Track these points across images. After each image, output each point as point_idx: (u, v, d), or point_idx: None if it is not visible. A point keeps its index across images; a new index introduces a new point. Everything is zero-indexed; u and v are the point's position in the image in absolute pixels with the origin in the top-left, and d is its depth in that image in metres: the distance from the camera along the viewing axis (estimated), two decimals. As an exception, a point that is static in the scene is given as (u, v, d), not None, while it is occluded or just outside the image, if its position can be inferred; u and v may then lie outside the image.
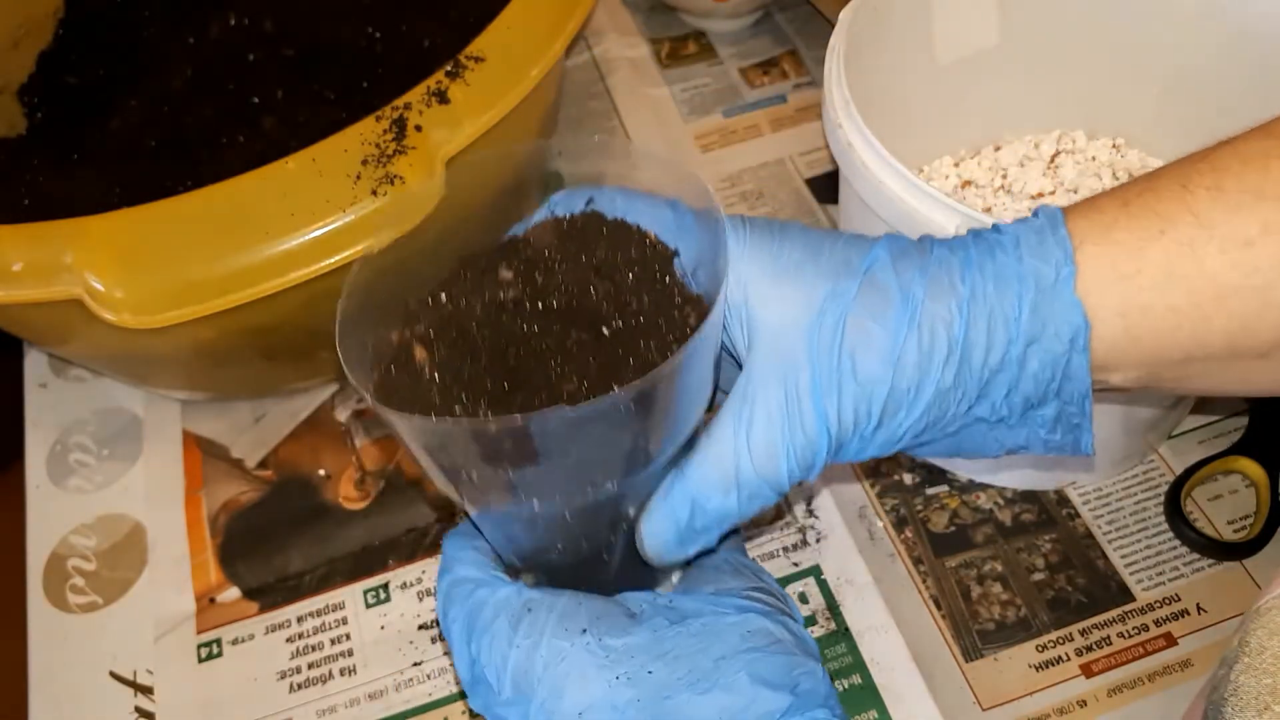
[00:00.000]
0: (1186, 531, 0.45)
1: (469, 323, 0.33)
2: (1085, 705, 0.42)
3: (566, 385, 0.31)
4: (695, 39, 0.71)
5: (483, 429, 0.29)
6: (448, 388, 0.31)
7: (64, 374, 0.57)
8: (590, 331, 0.32)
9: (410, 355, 0.32)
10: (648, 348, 0.31)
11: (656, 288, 0.33)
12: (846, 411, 0.29)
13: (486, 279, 0.34)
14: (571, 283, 0.33)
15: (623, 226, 0.35)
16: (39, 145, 0.54)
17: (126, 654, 0.46)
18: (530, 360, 0.32)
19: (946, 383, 0.29)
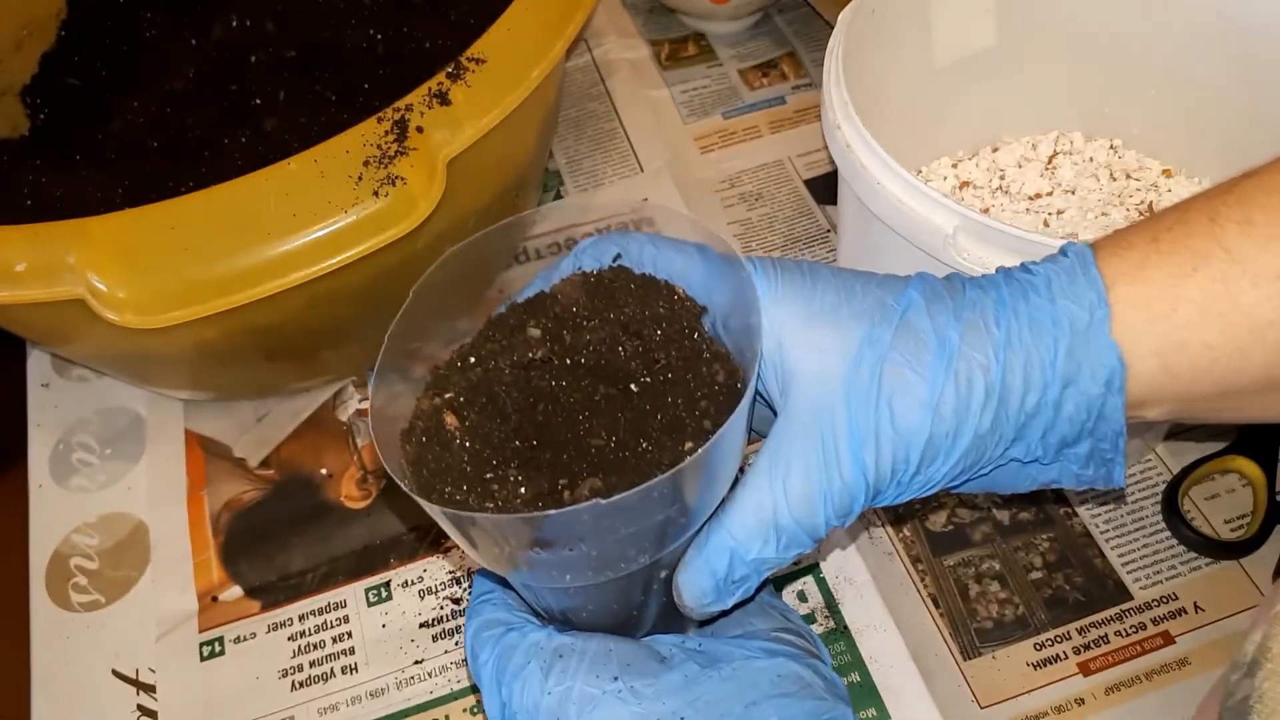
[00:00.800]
0: (1184, 530, 0.45)
1: (498, 385, 0.33)
2: (1083, 703, 0.42)
3: (595, 441, 0.31)
4: (695, 41, 0.72)
5: (512, 521, 0.29)
6: (478, 453, 0.31)
7: (66, 374, 0.57)
8: (619, 387, 0.32)
9: (440, 423, 0.32)
10: (676, 405, 0.32)
11: (685, 344, 0.33)
12: (885, 460, 0.29)
13: (514, 338, 0.34)
14: (599, 340, 0.33)
15: (650, 282, 0.35)
16: (42, 146, 0.55)
17: (129, 652, 0.46)
18: (558, 417, 0.32)
19: (984, 428, 0.29)
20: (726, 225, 0.60)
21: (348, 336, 0.51)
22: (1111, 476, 0.31)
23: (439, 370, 0.34)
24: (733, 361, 0.33)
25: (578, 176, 0.64)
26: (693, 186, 0.62)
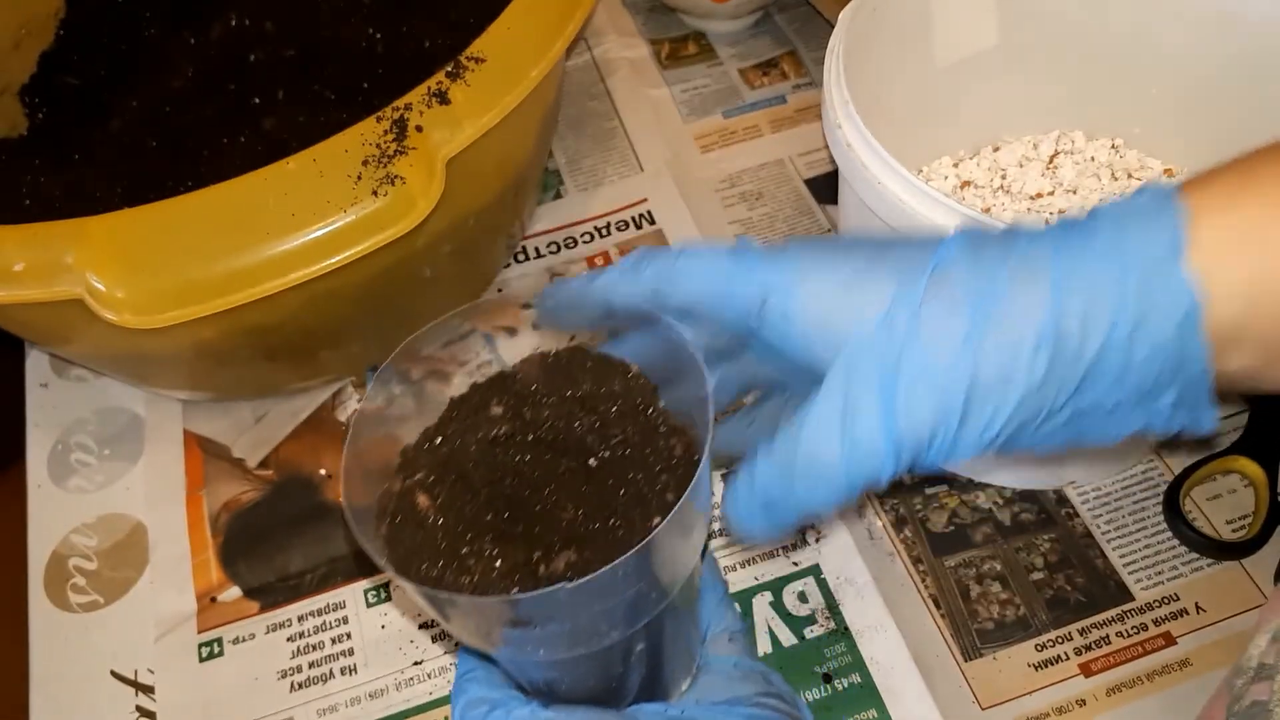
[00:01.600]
0: (1185, 531, 0.45)
1: (466, 462, 0.34)
2: (1084, 704, 0.42)
3: (563, 514, 0.32)
4: (695, 40, 0.71)
5: (486, 603, 0.30)
6: (452, 529, 0.32)
7: (65, 374, 0.57)
8: (580, 461, 0.34)
9: (413, 503, 0.33)
10: (637, 479, 0.33)
11: (640, 419, 0.34)
12: (925, 410, 0.28)
13: (478, 416, 0.36)
14: (558, 416, 0.35)
15: (605, 361, 0.37)
16: (40, 145, 0.54)
17: (127, 653, 0.46)
18: (526, 490, 0.33)
19: (1038, 374, 0.27)
20: (727, 225, 0.60)
21: (347, 336, 0.51)
22: (1200, 422, 0.29)
23: (407, 453, 0.36)
24: (689, 434, 0.34)
25: (578, 176, 0.64)
26: (693, 186, 0.62)
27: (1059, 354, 0.27)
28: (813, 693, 0.43)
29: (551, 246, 0.60)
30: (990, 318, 0.27)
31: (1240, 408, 0.50)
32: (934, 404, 0.27)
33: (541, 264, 0.59)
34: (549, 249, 0.60)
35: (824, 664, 0.43)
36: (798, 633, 0.44)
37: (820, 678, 0.43)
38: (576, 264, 0.59)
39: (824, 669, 0.43)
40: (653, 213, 0.61)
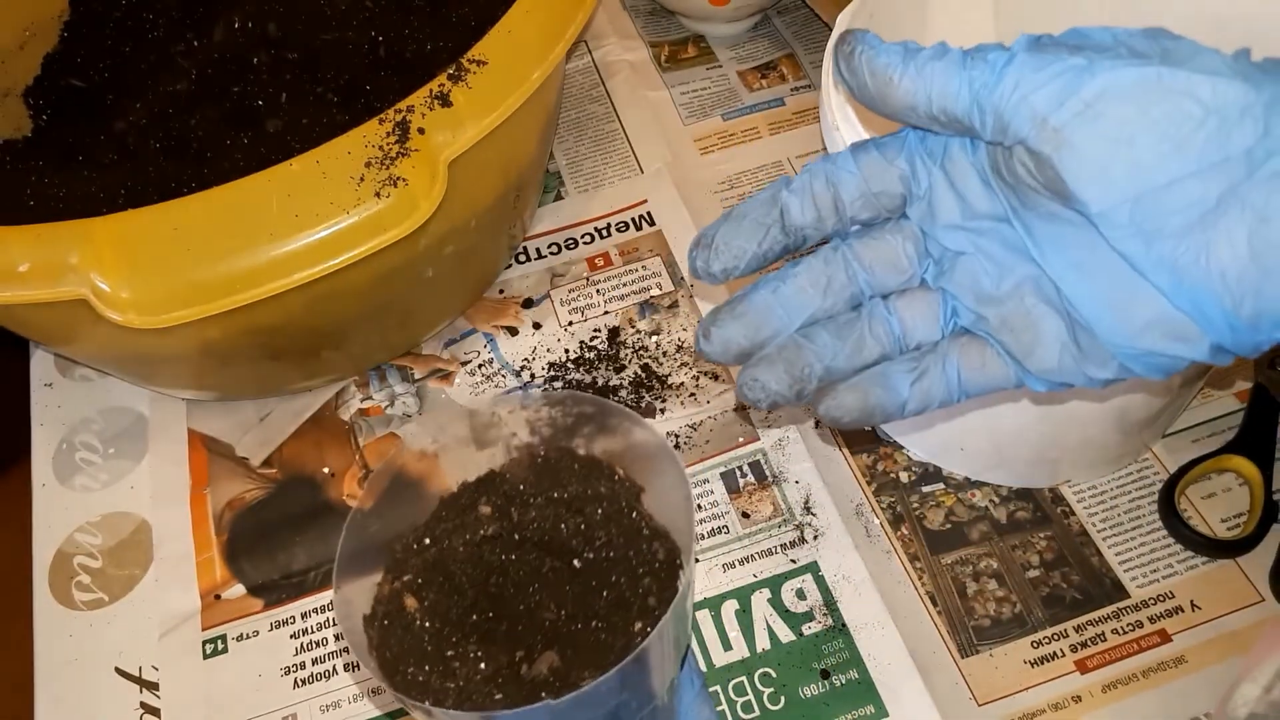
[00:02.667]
0: (1181, 529, 0.46)
1: (453, 563, 0.35)
2: (1080, 701, 0.42)
3: (546, 614, 0.33)
4: (694, 42, 0.72)
5: (469, 717, 0.31)
6: (438, 631, 0.33)
7: (70, 373, 0.57)
8: (564, 561, 0.34)
9: (401, 605, 0.34)
10: (620, 583, 0.34)
11: (624, 522, 0.35)
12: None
13: (466, 516, 0.36)
14: (544, 517, 0.36)
15: (592, 463, 0.37)
16: (44, 147, 0.55)
17: (132, 650, 0.47)
18: (510, 589, 0.34)
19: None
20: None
21: (350, 336, 0.51)
22: None
23: (396, 554, 0.36)
24: (672, 539, 0.35)
25: (578, 178, 0.64)
26: (692, 187, 0.62)
27: None
28: (810, 689, 0.43)
29: (552, 247, 0.60)
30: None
31: (1237, 406, 0.50)
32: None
33: (542, 265, 0.59)
34: (550, 250, 0.60)
35: (822, 660, 0.44)
36: (795, 629, 0.45)
37: (818, 674, 0.43)
38: (577, 264, 0.59)
39: (822, 665, 0.44)
40: (653, 214, 0.61)
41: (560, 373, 0.54)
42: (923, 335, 0.33)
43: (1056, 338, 0.30)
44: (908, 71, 0.29)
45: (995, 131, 0.28)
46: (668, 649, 0.34)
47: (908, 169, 0.32)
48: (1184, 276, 0.27)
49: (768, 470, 0.50)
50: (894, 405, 0.33)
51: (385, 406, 0.54)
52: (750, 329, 0.33)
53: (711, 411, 0.52)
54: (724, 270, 0.34)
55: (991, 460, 0.48)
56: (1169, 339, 0.28)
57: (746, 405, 0.34)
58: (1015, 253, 0.31)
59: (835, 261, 0.33)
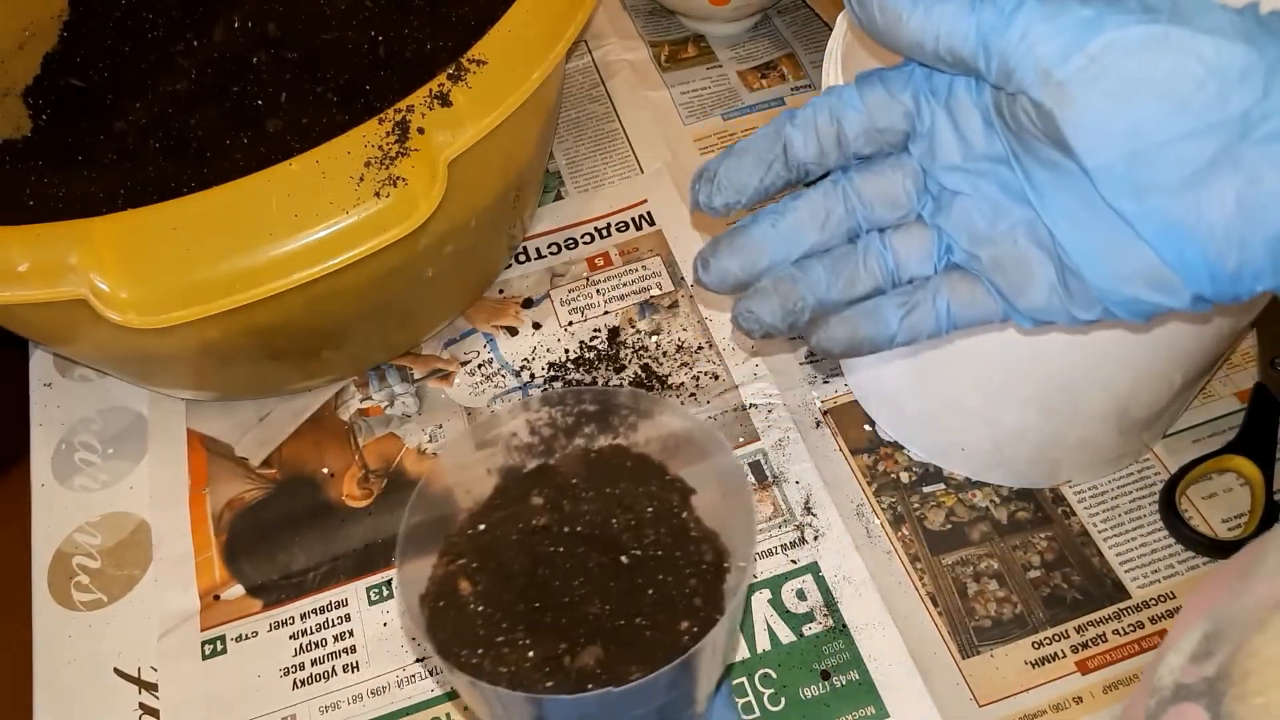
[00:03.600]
0: (1181, 529, 0.46)
1: (505, 550, 0.35)
2: (1081, 701, 0.42)
3: (590, 608, 0.33)
4: (694, 42, 0.72)
5: (524, 699, 0.31)
6: (490, 616, 0.34)
7: (69, 373, 0.57)
8: (611, 557, 0.35)
9: (455, 588, 0.35)
10: (667, 581, 0.34)
11: (673, 522, 0.36)
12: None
13: (520, 506, 0.37)
14: (595, 511, 0.36)
15: (644, 461, 0.38)
16: (44, 147, 0.55)
17: (131, 651, 0.47)
18: (557, 580, 0.34)
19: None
20: (726, 225, 0.60)
21: (349, 336, 0.51)
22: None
23: (451, 538, 0.37)
24: (720, 542, 0.35)
25: (578, 177, 0.64)
26: (692, 187, 0.62)
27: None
28: (811, 690, 0.43)
29: (552, 247, 0.60)
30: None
31: (1238, 406, 0.50)
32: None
33: (542, 264, 0.59)
34: (550, 249, 0.60)
35: (822, 661, 0.44)
36: (796, 630, 0.45)
37: (819, 675, 0.43)
38: (577, 264, 0.59)
39: (822, 666, 0.44)
40: (652, 214, 0.61)
41: (560, 373, 0.54)
42: (915, 270, 0.34)
43: (1046, 279, 0.31)
44: (917, 10, 0.29)
45: (999, 77, 0.29)
46: (718, 655, 0.34)
47: (912, 105, 0.32)
48: (1172, 230, 0.27)
49: (768, 470, 0.50)
50: (883, 338, 0.34)
51: (385, 406, 0.54)
52: (747, 262, 0.34)
53: (711, 411, 0.52)
54: (725, 204, 0.34)
55: (992, 460, 0.47)
56: (1153, 288, 0.29)
57: (743, 331, 0.34)
58: (1011, 195, 0.31)
59: (835, 196, 0.34)
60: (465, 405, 0.54)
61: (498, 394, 0.54)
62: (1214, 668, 0.21)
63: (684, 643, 0.32)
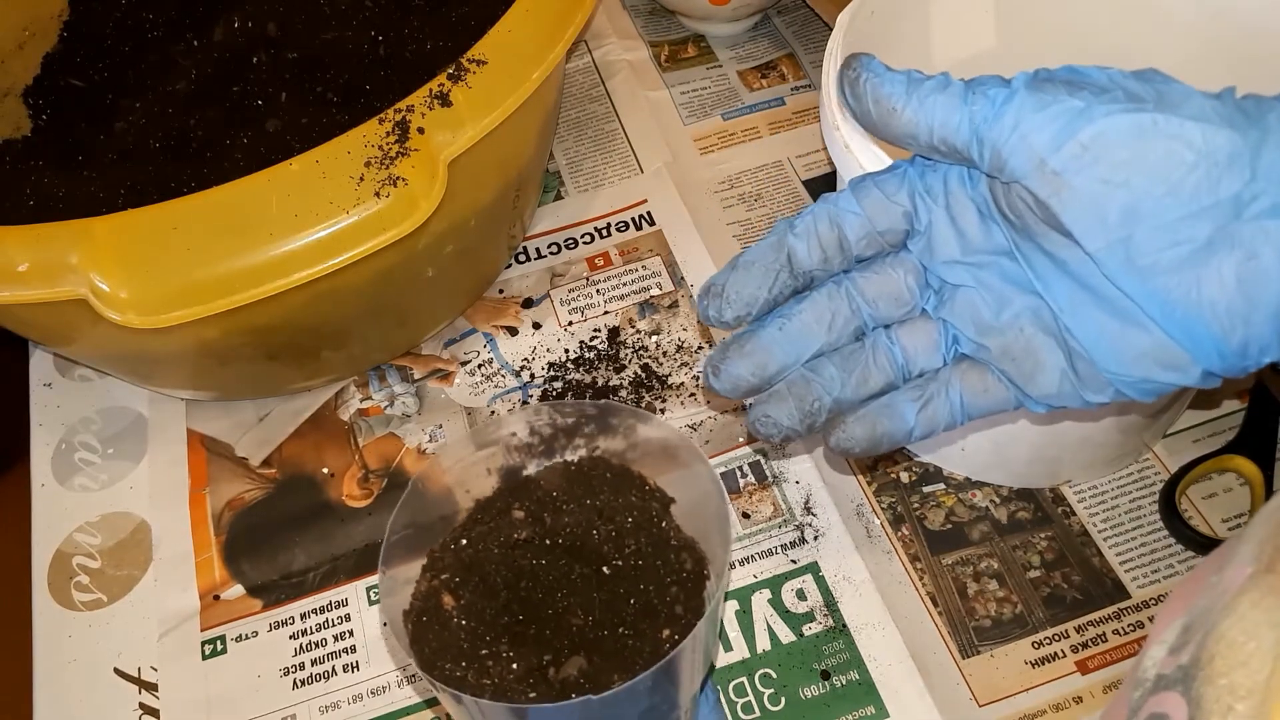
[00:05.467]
0: (1181, 529, 0.46)
1: (488, 565, 0.36)
2: (1081, 701, 0.42)
3: (574, 619, 0.34)
4: (694, 42, 0.72)
5: (507, 709, 0.32)
6: (473, 630, 0.34)
7: (69, 373, 0.57)
8: (593, 567, 0.35)
9: (439, 603, 0.35)
10: (648, 590, 0.34)
11: (653, 531, 0.36)
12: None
13: (501, 520, 0.37)
14: (576, 523, 0.36)
15: (624, 472, 0.38)
16: (44, 146, 0.55)
17: (131, 651, 0.47)
18: (539, 593, 0.35)
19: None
20: (726, 225, 0.61)
21: (349, 336, 0.51)
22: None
23: (434, 553, 0.37)
24: (700, 550, 0.36)
25: (578, 177, 0.64)
26: (692, 187, 0.62)
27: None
28: (811, 690, 0.43)
29: (552, 247, 0.60)
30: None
31: (1237, 406, 0.50)
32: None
33: (542, 264, 0.59)
34: (550, 249, 0.60)
35: (822, 661, 0.44)
36: (796, 630, 0.45)
37: (819, 675, 0.43)
38: (577, 264, 0.59)
39: (822, 666, 0.44)
40: (652, 214, 0.61)
41: (560, 373, 0.54)
42: (925, 363, 0.35)
43: (1056, 365, 0.32)
44: (910, 102, 0.30)
45: (993, 166, 0.29)
46: (698, 658, 0.34)
47: (909, 206, 0.33)
48: (1176, 309, 0.28)
49: (768, 470, 0.50)
50: (901, 433, 0.34)
51: (385, 407, 0.54)
52: (758, 366, 0.34)
53: (711, 411, 0.52)
54: (736, 318, 0.35)
55: (991, 460, 0.47)
56: (1162, 367, 0.30)
57: (761, 438, 0.35)
58: (1013, 284, 0.32)
59: (839, 297, 0.35)
60: (465, 405, 0.54)
61: (498, 394, 0.54)
62: (1188, 655, 0.22)
63: (665, 650, 0.33)
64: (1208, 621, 0.22)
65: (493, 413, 0.53)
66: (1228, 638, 0.21)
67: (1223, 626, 0.21)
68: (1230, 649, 0.21)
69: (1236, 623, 0.21)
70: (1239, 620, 0.21)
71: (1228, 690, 0.20)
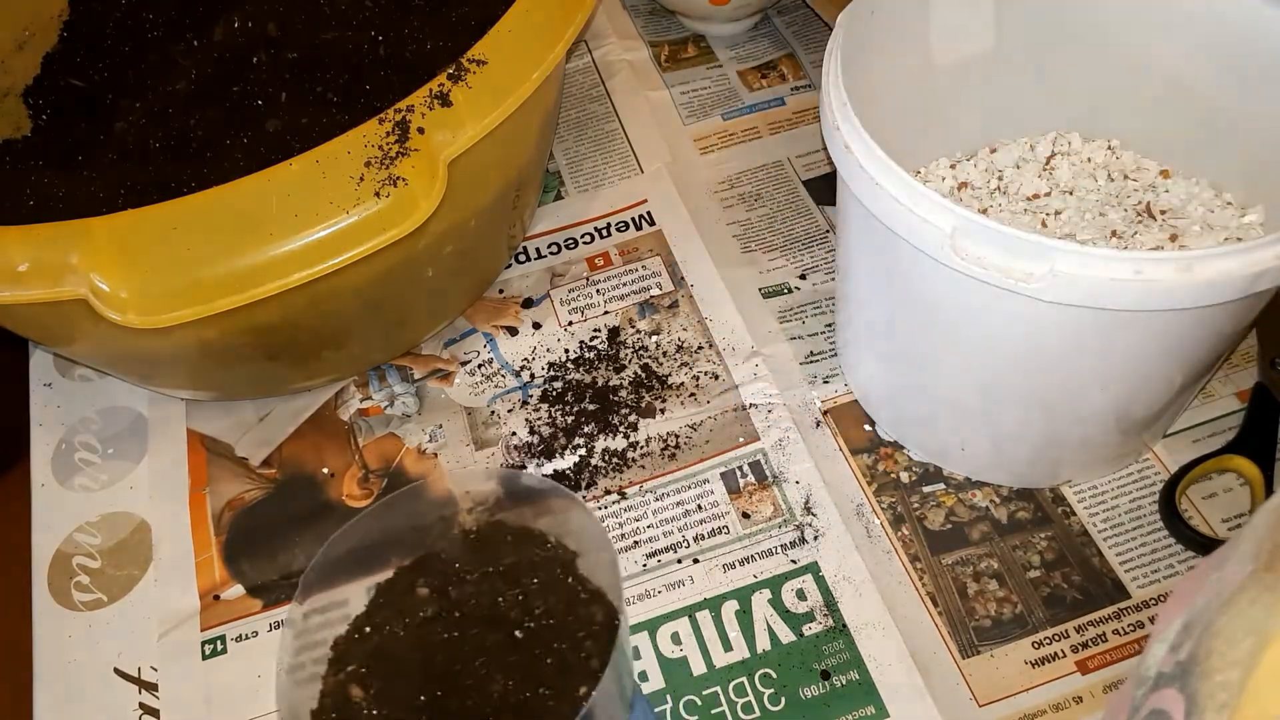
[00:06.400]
0: (1181, 529, 0.46)
1: (395, 648, 0.35)
2: (1081, 701, 0.42)
3: (494, 686, 0.33)
4: (695, 42, 0.72)
5: None
6: (386, 718, 0.33)
7: (69, 373, 0.57)
8: (505, 633, 0.35)
9: (347, 696, 0.34)
10: (562, 649, 0.34)
11: (561, 589, 0.36)
12: None
13: (404, 601, 0.37)
14: (482, 592, 0.36)
15: (524, 532, 0.38)
16: (44, 146, 0.55)
17: (131, 651, 0.47)
18: (456, 664, 0.34)
19: None
20: (726, 225, 0.61)
21: (349, 336, 0.51)
22: None
23: (338, 645, 0.37)
24: (608, 599, 0.36)
25: (578, 177, 0.64)
26: (692, 187, 0.62)
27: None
28: (811, 690, 0.43)
29: (552, 247, 0.60)
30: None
31: (1237, 406, 0.50)
32: None
33: (542, 264, 0.59)
34: (550, 249, 0.60)
35: (822, 661, 0.44)
36: (796, 630, 0.45)
37: (818, 675, 0.43)
38: (577, 264, 0.59)
39: (822, 666, 0.44)
40: (652, 214, 0.61)
41: (560, 373, 0.54)
42: None
43: None
44: None
45: None
46: (613, 704, 0.34)
47: None
48: None
49: (768, 470, 0.50)
50: None
51: (385, 406, 0.54)
52: None
53: (711, 411, 0.52)
54: None
55: (991, 460, 0.47)
56: None
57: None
58: None
59: None
60: (465, 405, 0.54)
61: (498, 394, 0.54)
62: (1186, 652, 0.22)
63: (581, 707, 0.33)
64: (1205, 619, 0.22)
65: (493, 413, 0.53)
66: (1224, 634, 0.21)
67: (1219, 623, 0.22)
68: (1227, 645, 0.21)
69: (1233, 620, 0.21)
70: (1236, 617, 0.21)
71: (1223, 686, 0.21)
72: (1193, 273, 0.34)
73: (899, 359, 0.47)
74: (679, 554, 0.47)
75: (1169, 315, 0.36)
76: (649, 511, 0.49)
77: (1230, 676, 0.20)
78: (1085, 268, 0.34)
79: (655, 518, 0.49)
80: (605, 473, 0.50)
